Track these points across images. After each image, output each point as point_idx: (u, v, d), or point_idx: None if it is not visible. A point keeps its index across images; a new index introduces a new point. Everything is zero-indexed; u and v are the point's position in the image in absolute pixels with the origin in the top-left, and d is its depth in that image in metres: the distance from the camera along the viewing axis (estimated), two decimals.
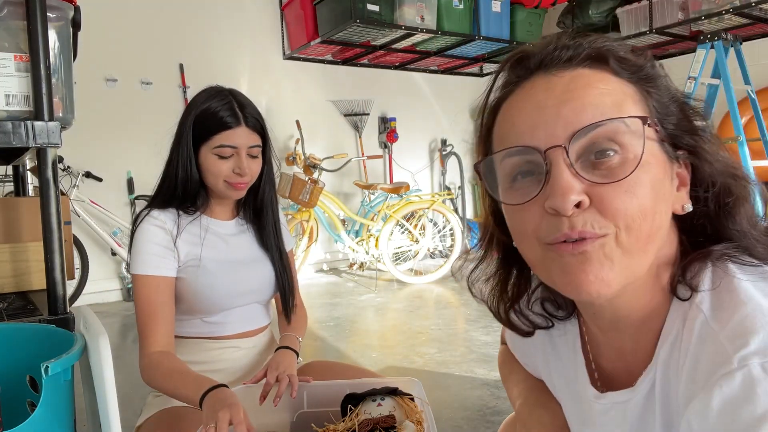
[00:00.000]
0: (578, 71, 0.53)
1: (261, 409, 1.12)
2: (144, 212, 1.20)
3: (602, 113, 0.50)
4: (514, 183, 0.56)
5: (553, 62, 0.55)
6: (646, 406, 0.56)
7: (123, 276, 4.11)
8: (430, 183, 5.80)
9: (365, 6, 4.20)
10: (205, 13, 4.50)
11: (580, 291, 0.52)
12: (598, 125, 0.50)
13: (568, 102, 0.51)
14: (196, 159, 1.20)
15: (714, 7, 3.96)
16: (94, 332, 1.02)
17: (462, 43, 4.86)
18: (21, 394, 1.05)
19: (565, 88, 0.52)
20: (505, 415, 1.88)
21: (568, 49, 0.55)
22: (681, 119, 0.55)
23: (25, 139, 1.11)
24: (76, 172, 3.82)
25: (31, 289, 1.50)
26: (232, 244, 1.26)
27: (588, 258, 0.51)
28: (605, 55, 0.54)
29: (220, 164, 1.18)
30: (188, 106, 1.22)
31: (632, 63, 0.55)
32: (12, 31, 1.13)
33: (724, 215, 0.56)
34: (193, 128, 1.18)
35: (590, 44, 0.55)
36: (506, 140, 0.56)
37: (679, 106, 0.55)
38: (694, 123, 0.56)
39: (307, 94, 5.01)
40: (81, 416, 1.23)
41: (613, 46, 0.55)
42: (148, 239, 1.17)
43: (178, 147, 1.20)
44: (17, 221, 1.49)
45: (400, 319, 3.30)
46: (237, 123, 1.17)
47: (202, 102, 1.19)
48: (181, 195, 1.21)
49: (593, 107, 0.51)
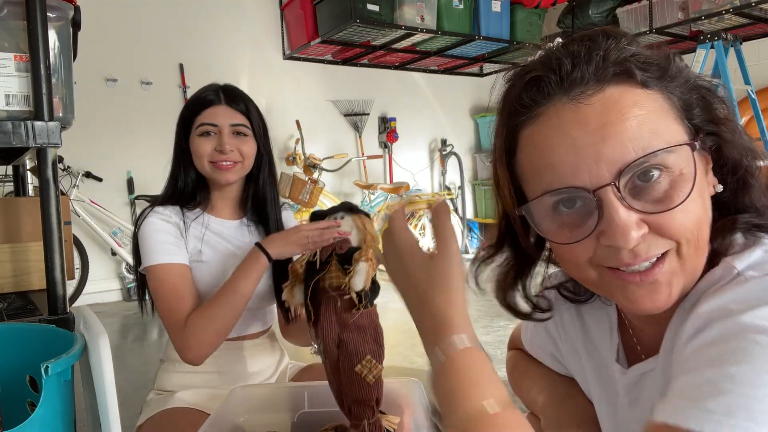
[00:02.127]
0: (606, 93, 0.50)
1: (261, 409, 1.12)
2: (147, 210, 1.20)
3: (644, 147, 0.48)
4: (557, 214, 0.53)
5: (575, 85, 0.51)
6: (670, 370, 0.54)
7: (123, 276, 4.11)
8: (430, 183, 5.80)
9: (365, 6, 4.20)
10: (205, 13, 4.50)
11: (645, 310, 0.52)
12: (644, 160, 0.49)
13: (607, 140, 0.49)
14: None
15: (714, 7, 3.96)
16: (94, 332, 1.02)
17: (462, 43, 4.86)
18: (21, 394, 1.05)
19: (598, 121, 0.49)
20: None
21: (587, 63, 0.51)
22: (703, 108, 0.54)
23: (25, 139, 1.11)
24: (76, 172, 3.82)
25: (31, 289, 1.50)
26: (234, 243, 1.25)
27: (657, 286, 0.51)
28: (630, 68, 0.51)
29: (204, 144, 1.18)
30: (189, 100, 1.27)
31: (657, 67, 0.52)
32: (12, 31, 1.13)
33: (746, 192, 0.55)
34: (183, 119, 1.22)
35: (607, 54, 0.51)
36: (544, 179, 0.53)
37: (700, 95, 0.54)
38: (715, 110, 0.55)
39: (307, 94, 5.01)
40: (81, 416, 1.23)
41: (633, 51, 0.52)
42: (157, 229, 1.16)
43: (175, 142, 1.24)
44: (17, 221, 1.48)
45: (400, 319, 3.28)
46: (218, 101, 1.20)
47: (192, 97, 1.25)
48: (182, 190, 1.22)
49: (634, 142, 0.48)
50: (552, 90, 0.52)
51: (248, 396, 1.11)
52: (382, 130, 5.40)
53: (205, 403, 1.16)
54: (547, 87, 0.52)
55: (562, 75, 0.51)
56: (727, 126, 0.54)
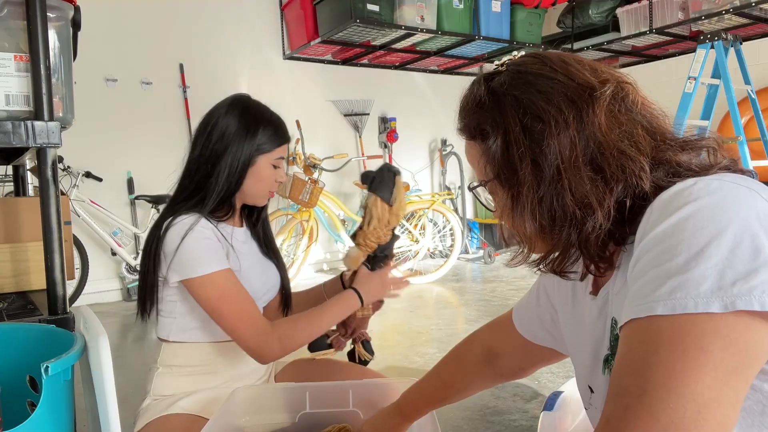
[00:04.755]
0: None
1: (263, 410, 1.12)
2: (185, 218, 1.14)
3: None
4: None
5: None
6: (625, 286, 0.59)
7: (123, 276, 4.11)
8: (430, 183, 5.80)
9: (365, 6, 4.20)
10: (205, 13, 4.50)
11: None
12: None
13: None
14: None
15: (714, 7, 3.96)
16: (94, 332, 1.02)
17: (462, 43, 4.86)
18: (21, 394, 1.05)
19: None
20: (505, 415, 1.88)
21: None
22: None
23: (25, 139, 1.11)
24: (76, 172, 3.81)
25: (31, 289, 1.50)
26: (245, 251, 1.27)
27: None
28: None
29: (273, 174, 1.23)
30: (246, 116, 1.21)
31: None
32: (12, 31, 1.13)
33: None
34: (259, 144, 1.20)
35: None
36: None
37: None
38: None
39: (307, 94, 5.01)
40: (81, 416, 1.23)
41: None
42: (206, 237, 1.14)
43: (227, 154, 1.18)
44: (17, 221, 1.48)
45: (400, 319, 3.30)
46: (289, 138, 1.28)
47: (261, 114, 1.23)
48: (216, 200, 1.19)
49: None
50: None
51: (249, 397, 1.11)
52: (382, 130, 5.40)
53: (203, 409, 1.16)
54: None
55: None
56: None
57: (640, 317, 0.49)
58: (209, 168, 1.18)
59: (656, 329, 0.48)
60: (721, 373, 0.45)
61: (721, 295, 0.45)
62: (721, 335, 0.45)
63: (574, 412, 1.16)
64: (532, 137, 0.61)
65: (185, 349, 1.22)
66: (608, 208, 0.59)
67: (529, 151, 0.62)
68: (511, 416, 1.88)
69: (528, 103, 0.62)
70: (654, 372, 0.46)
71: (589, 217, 0.59)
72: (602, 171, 0.59)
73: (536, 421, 1.27)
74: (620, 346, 0.52)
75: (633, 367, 0.49)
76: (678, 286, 0.47)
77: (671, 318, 0.47)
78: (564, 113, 0.60)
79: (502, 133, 0.64)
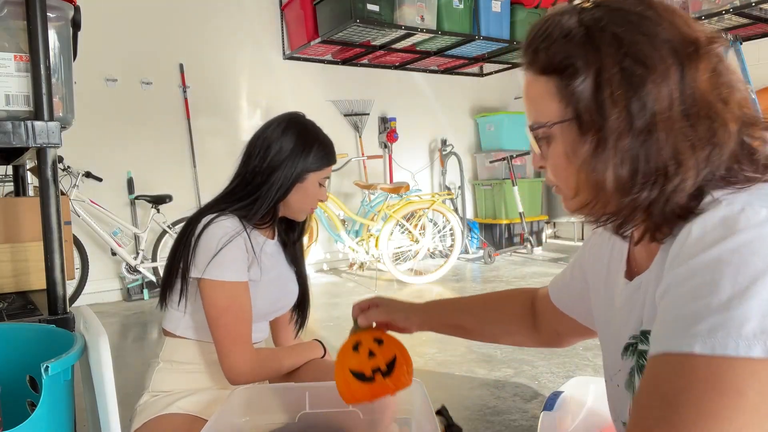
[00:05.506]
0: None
1: (262, 410, 1.12)
2: (227, 221, 1.19)
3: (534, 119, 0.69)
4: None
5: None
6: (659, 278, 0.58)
7: (123, 276, 4.11)
8: (430, 183, 5.80)
9: (365, 6, 4.20)
10: (205, 13, 4.50)
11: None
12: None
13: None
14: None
15: (714, 7, 3.96)
16: (94, 332, 1.02)
17: (462, 43, 4.86)
18: (21, 394, 1.05)
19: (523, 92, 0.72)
20: (505, 415, 1.88)
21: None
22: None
23: (25, 139, 1.10)
24: (76, 172, 3.81)
25: (31, 289, 1.50)
26: (269, 264, 1.30)
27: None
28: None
29: (317, 192, 1.29)
30: (304, 136, 1.27)
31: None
32: (12, 31, 1.13)
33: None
34: (311, 164, 1.26)
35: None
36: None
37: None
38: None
39: (307, 94, 5.01)
40: (81, 416, 1.23)
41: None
42: (239, 247, 1.18)
43: (282, 167, 1.24)
44: (17, 221, 1.48)
45: None
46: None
47: (316, 135, 1.29)
48: (267, 207, 1.24)
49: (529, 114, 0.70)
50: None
51: (249, 397, 1.11)
52: (382, 130, 5.40)
53: (202, 410, 1.16)
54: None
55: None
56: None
57: (676, 351, 0.48)
58: (264, 178, 1.24)
59: (691, 367, 0.47)
60: (755, 417, 0.44)
61: (764, 339, 0.44)
62: (758, 378, 0.44)
63: (574, 412, 1.16)
64: (631, 81, 0.56)
65: (189, 346, 1.22)
66: (697, 169, 0.55)
67: (624, 96, 0.56)
68: (511, 416, 1.88)
69: (630, 43, 0.56)
70: (686, 410, 0.46)
71: (674, 176, 0.55)
72: (695, 130, 0.56)
73: (536, 421, 1.27)
74: (651, 375, 0.51)
75: (664, 401, 0.48)
76: (719, 325, 0.46)
77: (709, 359, 0.46)
78: (666, 62, 0.56)
79: (594, 72, 0.57)
